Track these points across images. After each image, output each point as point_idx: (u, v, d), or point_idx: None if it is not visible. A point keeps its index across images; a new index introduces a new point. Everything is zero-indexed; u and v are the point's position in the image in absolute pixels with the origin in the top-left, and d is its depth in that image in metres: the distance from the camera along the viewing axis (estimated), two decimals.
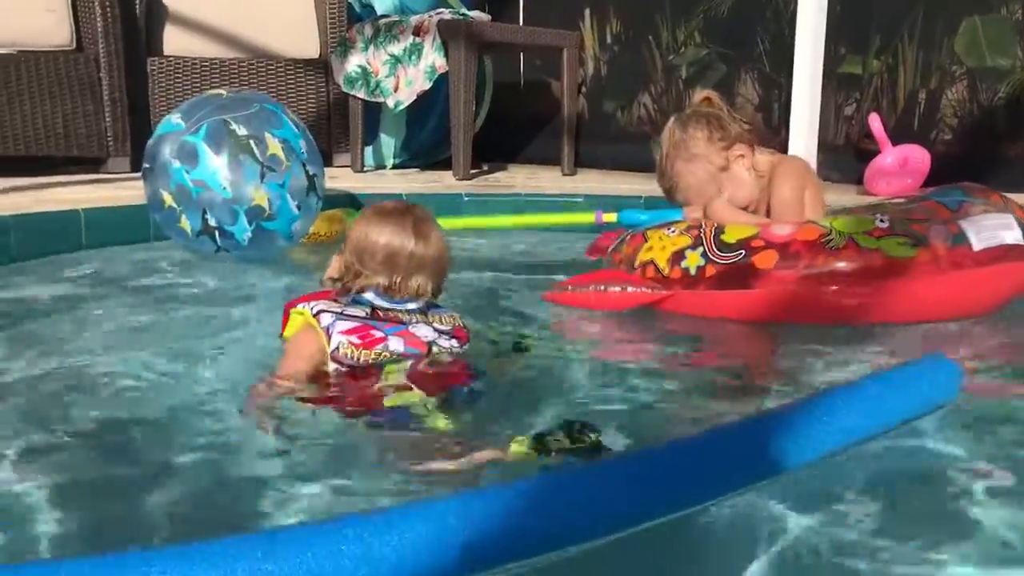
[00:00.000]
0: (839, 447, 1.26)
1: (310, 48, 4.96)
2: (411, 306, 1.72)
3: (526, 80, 5.79)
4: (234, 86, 3.86)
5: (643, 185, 4.02)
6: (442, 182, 4.42)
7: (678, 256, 2.23)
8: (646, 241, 2.35)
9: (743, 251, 2.15)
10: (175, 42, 4.71)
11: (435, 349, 1.68)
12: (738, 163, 2.47)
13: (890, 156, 3.61)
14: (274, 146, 2.70)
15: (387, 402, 1.52)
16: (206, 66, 4.71)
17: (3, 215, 3.04)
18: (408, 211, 1.77)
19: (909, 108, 4.13)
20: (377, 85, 4.61)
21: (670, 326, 2.19)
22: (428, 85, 4.43)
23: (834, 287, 2.09)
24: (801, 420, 1.24)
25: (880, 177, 3.63)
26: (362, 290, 1.70)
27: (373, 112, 4.92)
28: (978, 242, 2.12)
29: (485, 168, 5.08)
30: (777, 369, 2.00)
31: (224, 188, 2.63)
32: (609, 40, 5.34)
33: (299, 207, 2.79)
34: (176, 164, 2.64)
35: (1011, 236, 2.15)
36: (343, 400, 1.58)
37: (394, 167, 5.14)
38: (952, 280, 2.10)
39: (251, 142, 2.66)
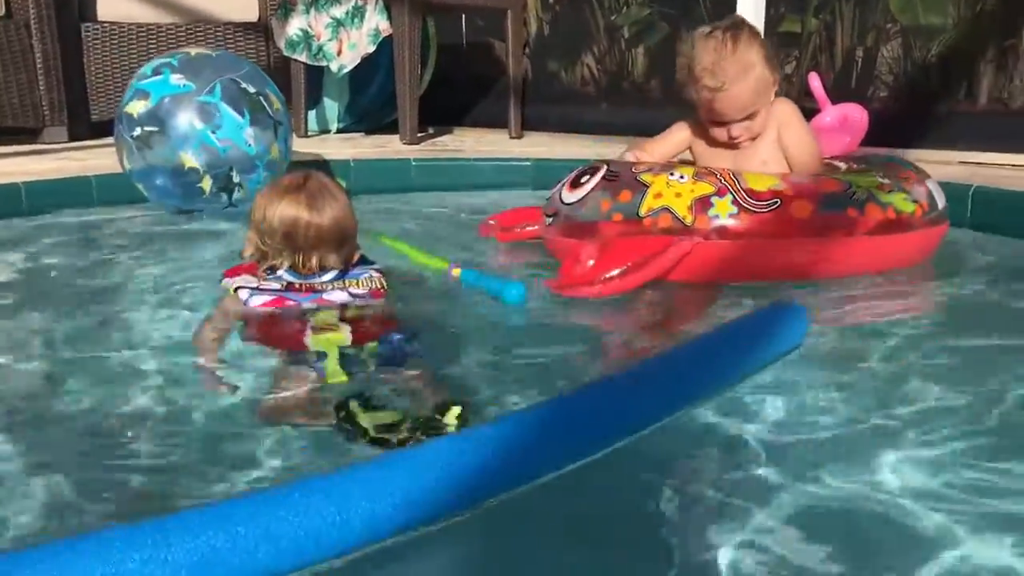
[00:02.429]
0: (691, 402, 1.31)
1: (249, 11, 4.88)
2: (326, 277, 1.77)
3: (469, 41, 5.75)
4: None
5: (593, 148, 4.06)
6: (389, 147, 4.39)
7: (703, 203, 2.08)
8: (646, 187, 2.14)
9: (778, 200, 2.08)
10: (109, 7, 4.58)
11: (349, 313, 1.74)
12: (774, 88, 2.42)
13: (829, 115, 3.68)
14: (276, 101, 2.86)
15: (311, 344, 1.57)
16: (143, 32, 4.60)
17: None
18: (303, 185, 1.77)
19: (847, 66, 4.21)
20: (320, 49, 4.55)
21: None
22: (372, 48, 4.38)
23: (862, 239, 2.12)
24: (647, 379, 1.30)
25: (820, 136, 3.69)
26: (274, 268, 1.76)
27: (315, 76, 4.85)
28: (940, 202, 2.30)
29: (431, 131, 5.06)
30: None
31: (249, 145, 2.74)
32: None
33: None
34: (200, 125, 2.68)
35: (943, 199, 2.34)
36: (269, 337, 1.66)
37: (338, 131, 5.09)
38: (930, 235, 2.26)
39: (261, 99, 2.79)
